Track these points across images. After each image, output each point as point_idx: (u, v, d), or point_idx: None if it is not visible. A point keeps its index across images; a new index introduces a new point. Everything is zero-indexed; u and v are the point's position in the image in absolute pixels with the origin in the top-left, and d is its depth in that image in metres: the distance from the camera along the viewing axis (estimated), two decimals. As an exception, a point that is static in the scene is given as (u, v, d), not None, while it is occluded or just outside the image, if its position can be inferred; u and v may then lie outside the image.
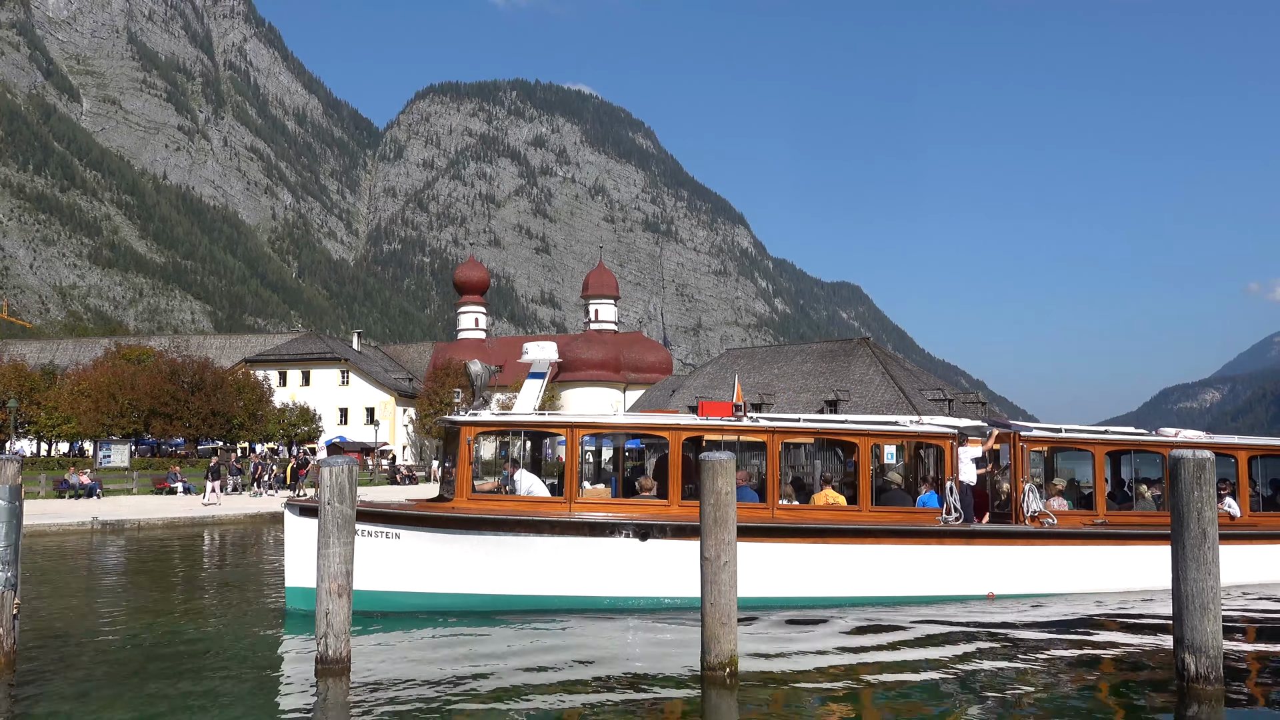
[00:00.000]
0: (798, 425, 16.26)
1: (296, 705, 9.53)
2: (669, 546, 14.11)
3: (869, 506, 15.05)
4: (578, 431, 14.76)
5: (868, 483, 15.12)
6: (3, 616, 10.57)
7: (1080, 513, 16.20)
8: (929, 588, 14.98)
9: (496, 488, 15.32)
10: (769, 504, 14.89)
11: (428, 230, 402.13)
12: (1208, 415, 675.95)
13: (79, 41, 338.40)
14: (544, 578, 14.14)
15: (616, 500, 15.18)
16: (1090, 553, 15.75)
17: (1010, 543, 15.45)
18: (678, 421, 15.51)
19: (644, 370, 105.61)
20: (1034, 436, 16.25)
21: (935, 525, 15.05)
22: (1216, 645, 9.72)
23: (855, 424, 16.34)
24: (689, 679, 10.43)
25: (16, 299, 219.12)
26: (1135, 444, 17.68)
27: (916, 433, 16.02)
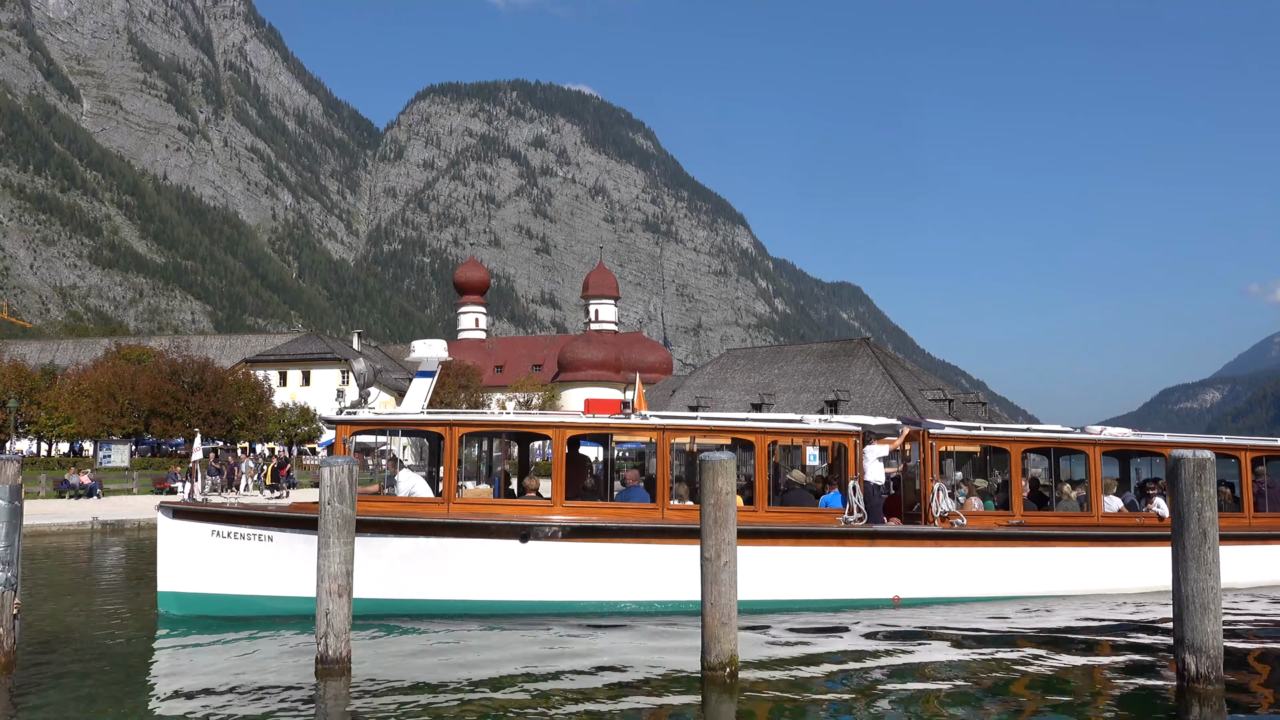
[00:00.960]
0: (688, 423, 15.70)
1: (296, 705, 9.53)
2: (550, 549, 13.68)
3: (766, 507, 14.55)
4: (456, 430, 14.30)
5: (764, 482, 14.62)
6: (3, 616, 10.57)
7: (995, 513, 15.76)
8: (829, 591, 14.39)
9: (380, 489, 14.89)
10: (659, 504, 14.39)
11: (428, 230, 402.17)
12: (1208, 415, 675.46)
13: (79, 42, 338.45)
14: (421, 581, 13.69)
15: (497, 501, 14.78)
16: (1003, 555, 15.16)
17: (916, 544, 14.85)
18: (561, 419, 15.11)
19: (644, 370, 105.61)
20: (944, 435, 15.76)
21: (836, 526, 14.50)
22: (1217, 645, 9.72)
23: (752, 421, 15.72)
24: (689, 679, 10.43)
25: (17, 299, 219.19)
26: (1057, 442, 17.06)
27: (818, 430, 15.46)
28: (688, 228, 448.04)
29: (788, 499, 15.29)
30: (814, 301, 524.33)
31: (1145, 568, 15.66)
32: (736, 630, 10.25)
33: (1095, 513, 16.08)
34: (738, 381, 79.31)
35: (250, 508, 14.57)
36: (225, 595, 13.79)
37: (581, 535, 13.82)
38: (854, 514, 14.58)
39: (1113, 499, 16.69)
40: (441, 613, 13.65)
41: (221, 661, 11.51)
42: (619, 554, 13.91)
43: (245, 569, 13.63)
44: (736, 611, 10.27)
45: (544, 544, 13.74)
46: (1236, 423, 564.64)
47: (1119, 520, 16.27)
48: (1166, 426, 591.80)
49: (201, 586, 13.81)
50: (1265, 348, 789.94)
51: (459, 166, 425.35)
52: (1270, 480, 17.84)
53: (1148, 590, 15.51)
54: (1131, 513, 16.57)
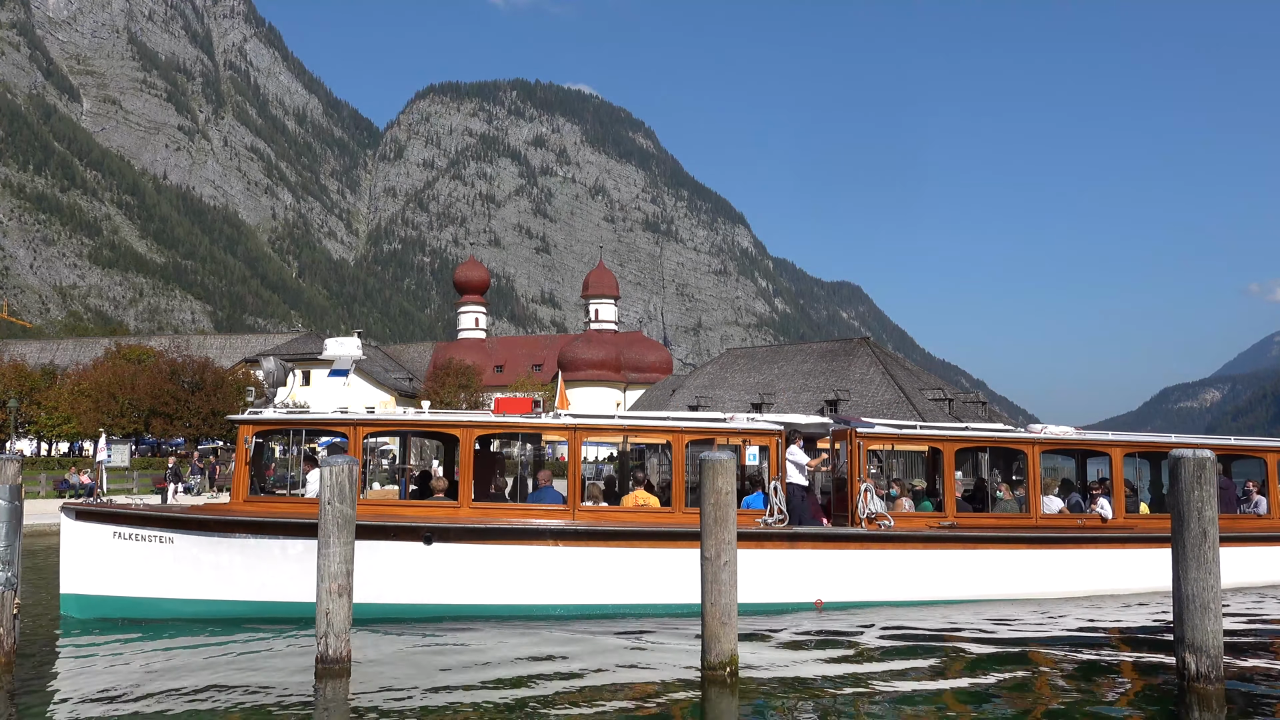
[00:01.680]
0: (601, 423, 15.39)
1: (297, 705, 9.53)
2: (455, 551, 13.44)
3: (682, 508, 14.12)
4: (360, 430, 14.05)
5: (681, 483, 14.22)
6: (3, 616, 10.57)
7: (926, 515, 15.30)
8: (748, 595, 13.75)
9: (289, 489, 14.62)
10: (569, 505, 14.06)
11: (428, 230, 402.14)
12: (1208, 415, 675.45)
13: (79, 41, 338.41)
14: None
15: (402, 502, 14.49)
16: (931, 558, 14.64)
17: (839, 546, 14.39)
18: (469, 419, 14.78)
19: (644, 370, 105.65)
20: (871, 434, 15.27)
21: (754, 528, 14.03)
22: (1217, 645, 9.71)
23: (669, 421, 15.27)
24: (689, 679, 10.43)
25: (17, 299, 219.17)
26: (994, 441, 16.62)
27: (738, 430, 15.09)
28: (688, 227, 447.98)
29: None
30: (814, 301, 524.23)
31: (1085, 571, 15.33)
32: (737, 630, 10.24)
33: (1034, 514, 15.61)
34: (737, 381, 79.30)
35: (152, 509, 14.21)
36: (126, 598, 13.54)
37: (487, 538, 13.44)
38: (775, 516, 14.19)
39: (1053, 500, 16.25)
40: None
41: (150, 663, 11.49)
42: (528, 557, 13.57)
43: (146, 571, 13.32)
44: (735, 612, 10.25)
45: (449, 546, 13.38)
46: (1236, 422, 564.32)
47: (1059, 522, 15.75)
48: (1166, 425, 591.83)
49: (103, 589, 13.53)
50: (1265, 347, 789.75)
51: (459, 166, 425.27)
52: (1222, 480, 17.07)
53: (1087, 594, 15.14)
54: (1074, 514, 16.03)
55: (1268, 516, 17.07)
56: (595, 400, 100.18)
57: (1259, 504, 17.36)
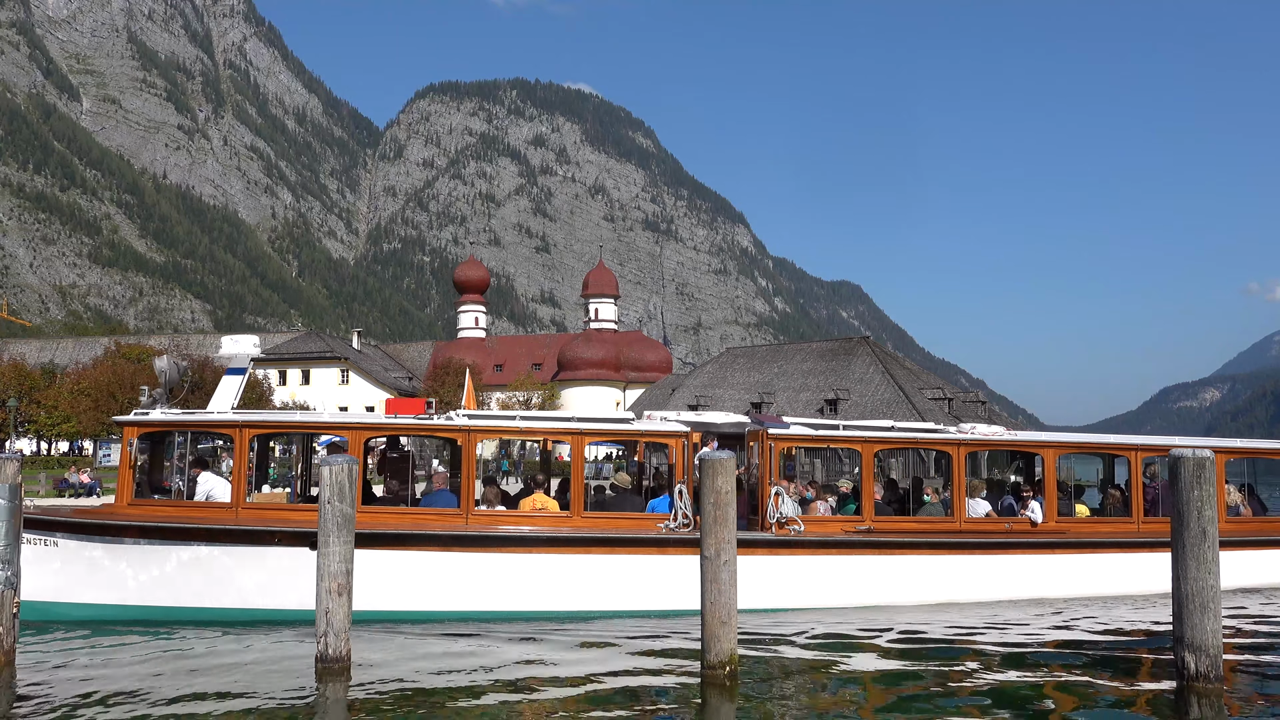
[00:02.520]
0: (495, 424, 14.94)
1: (297, 704, 9.53)
2: None
3: (581, 512, 13.80)
4: (246, 433, 13.67)
5: (579, 486, 13.90)
6: (3, 615, 10.57)
7: (842, 519, 14.73)
8: (648, 601, 13.51)
9: (179, 492, 14.27)
10: (463, 510, 13.64)
11: (428, 229, 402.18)
12: (1208, 414, 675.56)
13: (79, 41, 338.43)
14: (207, 588, 13.15)
15: (290, 506, 14.13)
16: (844, 563, 14.09)
17: (745, 552, 13.51)
18: (359, 421, 14.34)
19: (644, 369, 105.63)
20: (783, 435, 14.67)
21: (654, 533, 13.59)
22: (1217, 644, 9.72)
23: (566, 422, 14.77)
24: (689, 679, 10.43)
25: (16, 298, 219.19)
26: (916, 443, 15.77)
27: (640, 431, 14.62)
28: (687, 226, 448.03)
29: (610, 504, 14.64)
30: (814, 300, 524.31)
31: (1009, 577, 14.77)
32: (736, 630, 10.24)
33: (957, 518, 14.97)
34: (737, 380, 79.31)
35: (38, 511, 13.87)
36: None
37: (374, 543, 13.01)
38: (678, 520, 13.67)
39: (980, 503, 15.48)
40: (230, 620, 13.05)
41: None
42: (416, 563, 13.24)
43: (32, 574, 12.88)
44: (735, 612, 10.24)
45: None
46: (1236, 421, 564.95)
47: (985, 526, 15.05)
48: (1166, 425, 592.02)
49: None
50: (1265, 346, 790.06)
51: (459, 165, 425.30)
52: (1163, 482, 16.42)
53: (1010, 600, 14.66)
54: (1001, 518, 15.33)
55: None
56: (595, 399, 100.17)
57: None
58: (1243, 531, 16.12)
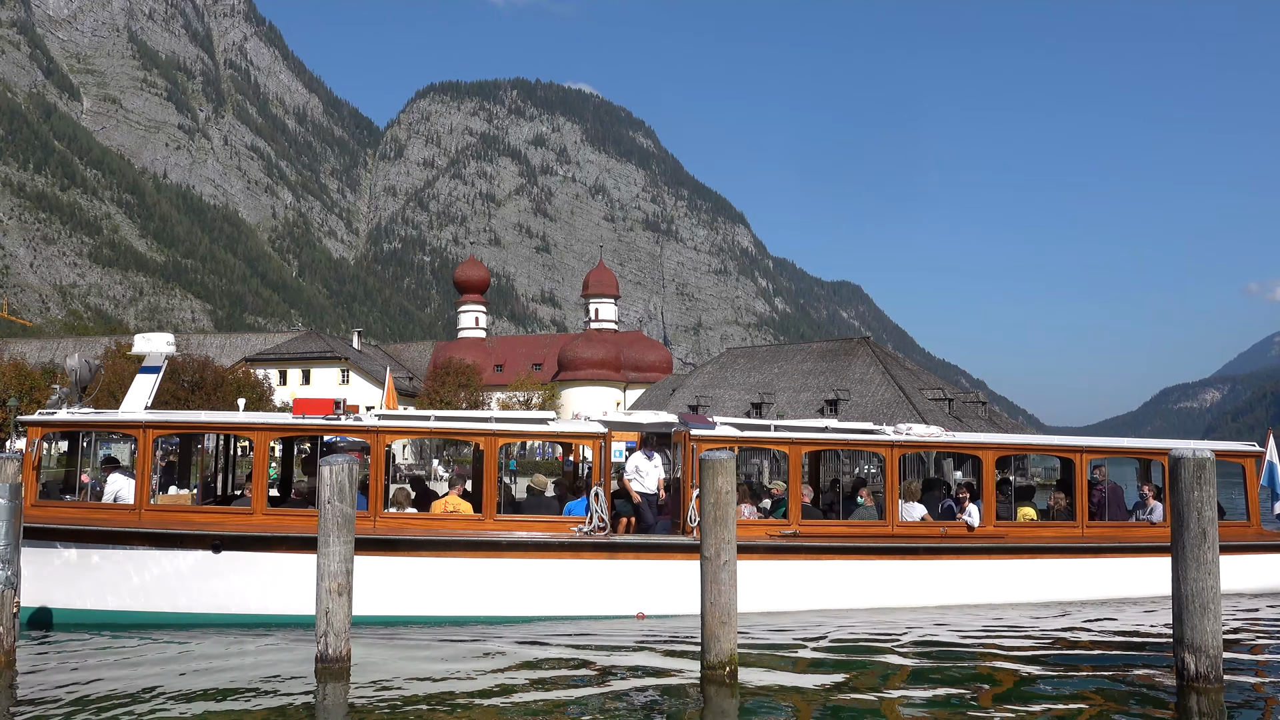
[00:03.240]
0: (407, 425, 14.57)
1: (297, 704, 9.53)
2: (244, 559, 12.98)
3: (493, 515, 13.46)
4: (150, 433, 13.53)
5: (493, 488, 13.58)
6: (3, 615, 10.57)
7: (766, 522, 14.30)
8: (563, 607, 13.30)
9: (88, 494, 14.11)
10: (371, 513, 13.27)
11: (428, 229, 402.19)
12: (1208, 415, 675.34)
13: (79, 40, 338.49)
14: (110, 592, 13.04)
15: (193, 509, 13.83)
16: (762, 569, 13.57)
17: (662, 557, 13.52)
18: (266, 420, 14.12)
19: (644, 369, 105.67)
20: (705, 436, 14.14)
21: (568, 537, 13.35)
22: (1216, 645, 9.71)
23: (479, 422, 14.45)
24: (689, 679, 10.43)
25: (17, 298, 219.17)
26: (847, 444, 15.23)
27: (555, 432, 14.32)
28: (688, 226, 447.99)
29: (525, 507, 14.45)
30: (814, 300, 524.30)
31: (943, 582, 14.35)
32: (736, 630, 10.24)
33: (889, 521, 14.55)
34: (738, 380, 79.32)
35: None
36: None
37: (278, 546, 13.00)
38: (593, 524, 13.41)
39: (915, 506, 14.99)
40: (130, 623, 12.92)
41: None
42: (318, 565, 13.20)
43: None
44: (735, 612, 10.24)
45: (238, 555, 12.95)
46: (1237, 422, 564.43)
47: (919, 530, 14.62)
48: (1166, 426, 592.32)
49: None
50: (1265, 347, 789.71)
51: (459, 165, 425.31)
52: (1112, 485, 16.09)
53: (941, 606, 14.22)
54: (937, 522, 14.87)
55: (1161, 524, 15.37)
56: (595, 400, 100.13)
57: (1154, 510, 15.88)
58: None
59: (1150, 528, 15.56)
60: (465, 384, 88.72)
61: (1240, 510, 16.70)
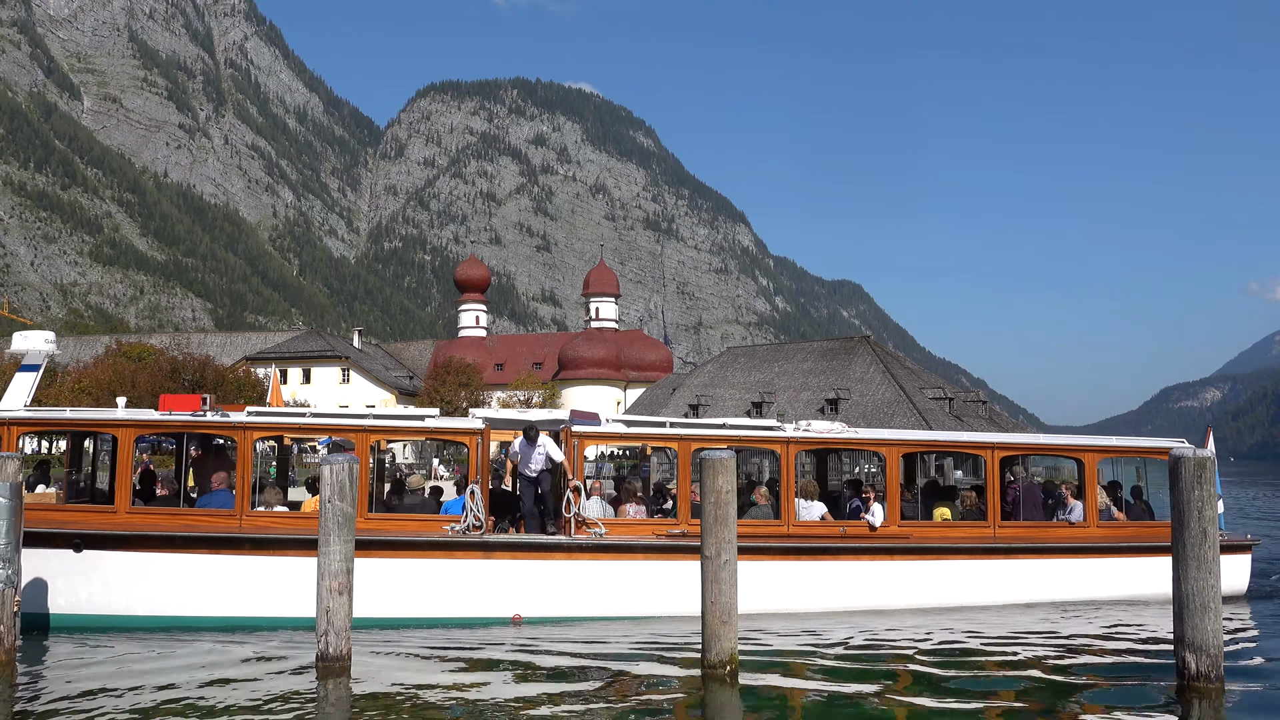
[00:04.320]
0: (275, 421, 14.25)
1: (298, 703, 9.54)
2: (106, 559, 12.73)
3: (365, 514, 13.05)
4: (14, 430, 13.21)
5: (365, 486, 13.19)
6: (4, 614, 10.58)
7: (654, 522, 13.87)
8: (435, 609, 12.97)
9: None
10: (237, 511, 13.06)
11: (429, 228, 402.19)
12: (1209, 414, 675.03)
13: (80, 40, 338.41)
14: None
15: (58, 507, 13.62)
16: (652, 569, 13.19)
17: (539, 557, 13.17)
18: (132, 418, 13.73)
19: (644, 368, 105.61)
20: (588, 433, 13.87)
21: (441, 536, 13.02)
22: (1217, 644, 9.71)
23: (354, 419, 14.15)
24: (689, 678, 10.43)
25: (18, 296, 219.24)
26: (740, 440, 14.73)
27: (430, 429, 13.98)
28: (688, 225, 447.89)
29: (400, 506, 14.14)
30: (814, 299, 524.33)
31: (840, 584, 13.77)
32: (737, 629, 10.24)
33: (785, 521, 14.02)
34: (738, 380, 79.31)
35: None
36: None
37: (140, 545, 12.73)
38: (468, 523, 13.06)
39: (814, 505, 14.50)
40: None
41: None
42: (183, 566, 12.81)
43: None
44: (736, 611, 10.24)
45: (100, 554, 12.68)
46: (1238, 421, 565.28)
47: (817, 530, 14.11)
48: (1167, 425, 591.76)
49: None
50: (1266, 346, 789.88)
51: (459, 164, 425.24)
52: (1027, 484, 15.74)
53: (840, 610, 13.68)
54: (837, 522, 14.38)
55: (1081, 525, 14.99)
56: (595, 399, 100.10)
57: (1073, 510, 15.27)
58: (1116, 537, 15.09)
59: (1069, 528, 15.02)
60: (466, 383, 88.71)
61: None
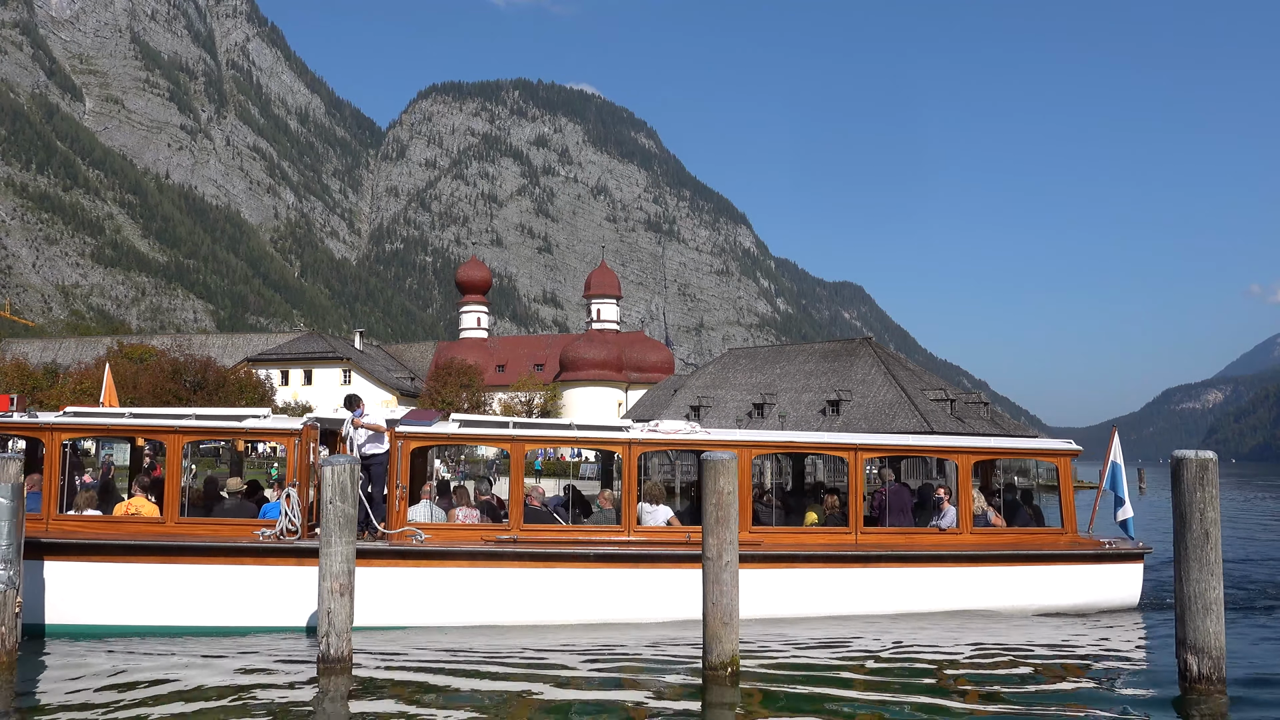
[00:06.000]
0: (83, 422, 13.57)
1: (298, 703, 9.54)
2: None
3: (175, 518, 12.67)
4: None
5: (175, 488, 12.76)
6: (5, 615, 10.58)
7: (485, 526, 13.25)
8: (244, 616, 12.40)
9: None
10: (44, 515, 12.64)
11: (430, 230, 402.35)
12: (1210, 416, 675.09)
13: (82, 41, 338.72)
14: None
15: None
16: (478, 577, 12.65)
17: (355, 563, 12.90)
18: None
19: (646, 370, 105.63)
20: (412, 433, 13.20)
21: (250, 542, 12.47)
22: (1219, 646, 9.71)
23: (163, 419, 13.62)
24: (689, 679, 10.43)
25: (19, 298, 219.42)
26: (577, 441, 14.01)
27: (244, 430, 13.37)
28: (690, 227, 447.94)
29: (219, 509, 13.62)
30: (816, 301, 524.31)
31: (681, 593, 12.57)
32: (739, 630, 10.23)
33: (626, 527, 13.37)
34: (739, 381, 79.31)
35: None
36: None
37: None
38: (283, 526, 12.53)
39: (660, 510, 13.78)
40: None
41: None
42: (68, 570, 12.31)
43: None
44: (737, 613, 10.22)
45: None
46: (1239, 423, 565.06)
47: (663, 535, 13.39)
48: (1169, 426, 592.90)
49: None
50: (1268, 348, 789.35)
51: (461, 166, 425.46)
52: (894, 487, 14.92)
53: (683, 619, 12.50)
54: (683, 528, 13.51)
55: (953, 531, 14.24)
56: (597, 400, 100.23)
57: (945, 515, 14.41)
58: (990, 545, 14.23)
59: (938, 535, 14.24)
60: (467, 384, 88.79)
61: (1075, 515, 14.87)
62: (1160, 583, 16.58)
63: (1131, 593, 14.71)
